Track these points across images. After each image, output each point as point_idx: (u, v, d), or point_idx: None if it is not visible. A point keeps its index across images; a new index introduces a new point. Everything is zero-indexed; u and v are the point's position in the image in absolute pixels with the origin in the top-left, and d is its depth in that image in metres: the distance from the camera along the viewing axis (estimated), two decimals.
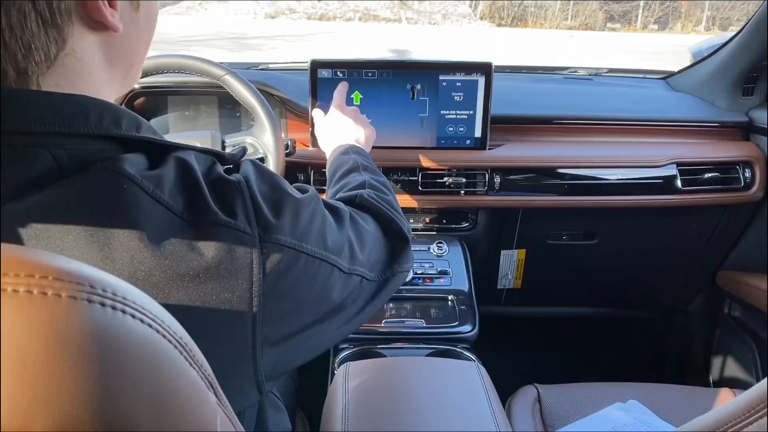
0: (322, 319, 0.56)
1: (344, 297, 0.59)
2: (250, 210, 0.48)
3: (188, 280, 0.43)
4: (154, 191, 0.43)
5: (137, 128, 0.47)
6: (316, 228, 0.55)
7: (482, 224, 1.35)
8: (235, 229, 0.46)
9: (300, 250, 0.51)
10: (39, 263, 0.26)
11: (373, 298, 0.66)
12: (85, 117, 0.43)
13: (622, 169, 1.32)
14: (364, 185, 0.80)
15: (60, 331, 0.25)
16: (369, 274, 0.64)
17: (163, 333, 0.30)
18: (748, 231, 1.47)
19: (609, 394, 1.09)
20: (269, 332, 0.49)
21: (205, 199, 0.46)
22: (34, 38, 0.42)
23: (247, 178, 0.50)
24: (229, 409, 0.37)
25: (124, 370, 0.27)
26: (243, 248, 0.46)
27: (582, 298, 1.69)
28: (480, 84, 1.24)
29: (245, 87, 1.08)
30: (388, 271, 0.69)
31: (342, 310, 0.59)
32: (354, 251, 0.62)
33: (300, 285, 0.52)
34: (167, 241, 0.43)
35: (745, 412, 0.39)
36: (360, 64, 1.23)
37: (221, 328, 0.45)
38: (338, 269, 0.57)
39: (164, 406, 0.29)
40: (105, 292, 0.27)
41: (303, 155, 1.25)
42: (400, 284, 0.73)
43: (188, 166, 0.47)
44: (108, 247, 0.41)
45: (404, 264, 0.72)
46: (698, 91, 1.52)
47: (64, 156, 0.42)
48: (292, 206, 0.52)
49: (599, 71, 1.74)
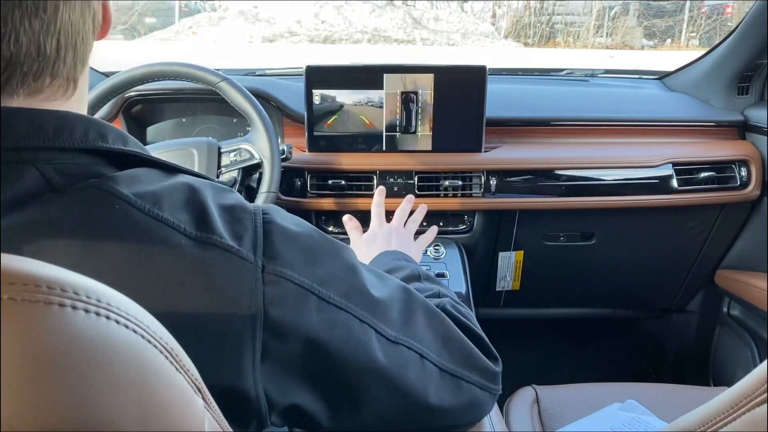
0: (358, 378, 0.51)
1: (390, 365, 0.52)
2: (259, 238, 0.46)
3: (182, 300, 0.42)
4: (151, 210, 0.42)
5: (124, 142, 0.46)
6: (340, 276, 0.50)
7: (479, 226, 1.36)
8: (237, 255, 0.44)
9: (310, 290, 0.47)
10: (25, 271, 0.26)
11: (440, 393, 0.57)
12: (69, 131, 0.43)
13: (618, 170, 1.32)
14: (439, 294, 0.69)
15: (44, 338, 0.25)
16: (432, 356, 0.56)
17: (148, 338, 0.30)
18: (746, 229, 1.47)
19: (607, 394, 1.09)
20: (270, 369, 0.46)
21: (212, 219, 0.45)
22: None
23: (265, 211, 0.49)
24: (217, 413, 0.38)
25: (109, 375, 0.27)
26: (243, 275, 0.44)
27: (580, 298, 1.70)
28: (475, 86, 1.25)
29: (240, 94, 1.09)
30: (461, 372, 0.59)
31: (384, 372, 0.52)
32: (409, 320, 0.55)
33: (311, 326, 0.47)
34: (162, 259, 0.42)
35: (730, 408, 0.39)
36: (355, 68, 1.24)
37: (215, 352, 0.43)
38: (374, 330, 0.52)
39: (150, 410, 0.29)
40: (89, 299, 0.28)
41: (300, 160, 1.26)
42: (476, 409, 0.62)
43: (194, 188, 0.46)
44: (99, 265, 0.40)
45: (490, 383, 0.62)
46: (693, 90, 1.52)
47: (50, 171, 0.41)
48: (310, 244, 0.50)
49: (595, 72, 1.74)
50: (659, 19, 11.98)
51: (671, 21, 12.01)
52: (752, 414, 0.39)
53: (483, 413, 0.64)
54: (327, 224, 1.34)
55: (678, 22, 11.96)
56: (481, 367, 0.61)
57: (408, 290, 0.58)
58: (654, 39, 12.10)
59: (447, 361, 0.58)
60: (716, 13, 11.49)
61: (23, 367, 0.24)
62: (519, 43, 12.24)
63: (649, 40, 12.13)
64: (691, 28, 11.93)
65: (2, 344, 0.24)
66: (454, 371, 0.58)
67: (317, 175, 1.27)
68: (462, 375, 0.59)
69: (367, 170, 1.27)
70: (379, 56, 9.77)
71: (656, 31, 12.01)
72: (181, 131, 1.37)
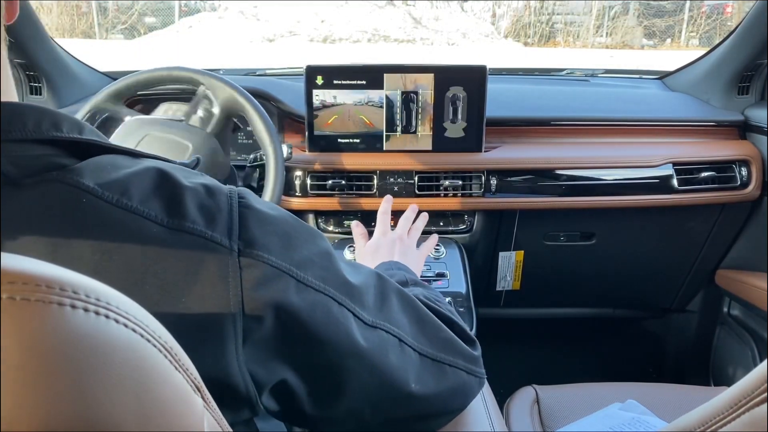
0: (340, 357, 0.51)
1: (371, 347, 0.53)
2: (234, 221, 0.45)
3: (159, 292, 0.41)
4: (119, 200, 0.41)
5: (79, 131, 0.44)
6: (316, 261, 0.50)
7: (479, 226, 1.36)
8: (211, 241, 0.43)
9: (287, 273, 0.47)
10: (22, 269, 0.26)
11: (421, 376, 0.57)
12: (21, 122, 0.41)
13: (619, 170, 1.32)
14: (415, 293, 0.71)
15: (43, 337, 0.25)
16: (409, 339, 0.57)
17: (147, 337, 0.30)
18: (746, 229, 1.47)
19: (608, 394, 1.09)
20: (253, 351, 0.45)
21: (185, 204, 0.44)
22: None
23: (241, 194, 0.48)
24: (217, 413, 0.38)
25: (107, 374, 0.27)
26: (219, 261, 0.43)
27: (581, 298, 1.70)
28: (475, 86, 1.25)
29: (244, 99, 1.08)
30: (443, 357, 0.60)
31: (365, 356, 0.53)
32: (384, 304, 0.56)
33: (291, 305, 0.47)
34: (135, 252, 0.41)
35: (730, 408, 0.39)
36: (355, 68, 1.24)
37: (196, 342, 0.42)
38: (351, 313, 0.52)
39: (149, 409, 0.29)
40: (88, 298, 0.28)
41: (300, 160, 1.26)
42: (465, 394, 0.63)
43: (163, 172, 0.45)
44: (70, 262, 0.39)
45: (474, 366, 0.63)
46: (694, 90, 1.52)
47: (6, 164, 0.40)
48: (286, 229, 0.49)
49: (595, 72, 1.74)
50: (659, 19, 11.90)
51: (671, 21, 11.92)
52: (752, 414, 0.39)
53: (470, 399, 0.64)
54: (327, 224, 1.34)
55: (678, 22, 11.87)
56: (460, 350, 0.62)
57: (381, 276, 0.59)
58: (654, 39, 12.03)
59: (426, 345, 0.58)
60: (716, 13, 11.46)
61: (22, 366, 0.24)
62: (519, 43, 12.20)
63: (649, 39, 12.06)
64: (691, 28, 11.85)
65: (1, 343, 0.24)
66: (434, 356, 0.59)
67: (317, 175, 1.27)
68: (444, 359, 0.60)
69: (368, 170, 1.27)
70: (379, 56, 9.67)
71: (656, 30, 11.93)
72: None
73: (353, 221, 1.07)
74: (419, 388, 0.57)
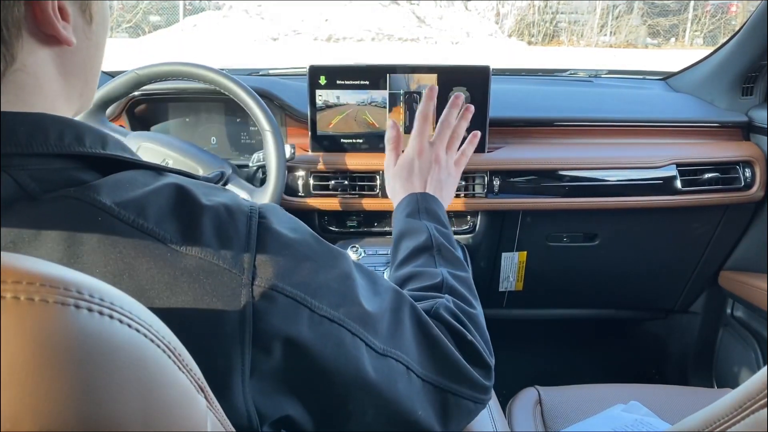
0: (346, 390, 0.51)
1: (379, 378, 0.51)
2: (252, 245, 0.44)
3: (167, 317, 0.40)
4: (135, 220, 0.41)
5: (103, 145, 0.44)
6: (334, 287, 0.49)
7: (482, 227, 1.35)
8: (225, 269, 0.42)
9: (302, 303, 0.46)
10: (26, 269, 0.26)
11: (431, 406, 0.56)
12: (44, 135, 0.41)
13: (622, 170, 1.32)
14: (441, 286, 0.69)
15: (47, 337, 0.25)
16: (415, 366, 0.55)
17: (151, 337, 0.30)
18: (750, 231, 1.46)
19: (610, 395, 1.09)
20: (259, 383, 0.45)
21: (201, 226, 0.43)
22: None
23: (262, 213, 0.47)
24: (220, 413, 0.38)
25: (111, 373, 0.27)
26: (231, 289, 0.42)
27: (584, 299, 1.69)
28: (479, 87, 1.24)
29: (246, 93, 1.09)
30: (447, 385, 0.58)
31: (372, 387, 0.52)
32: (397, 330, 0.54)
33: (302, 338, 0.46)
34: (148, 273, 0.40)
35: (733, 410, 0.39)
36: (358, 68, 1.24)
37: (202, 370, 0.41)
38: (363, 342, 0.50)
39: (153, 410, 0.29)
40: (92, 298, 0.28)
41: (302, 160, 1.26)
42: (464, 420, 0.61)
43: (183, 189, 0.44)
44: None
45: (481, 394, 0.61)
46: (697, 91, 1.52)
47: (26, 178, 0.39)
48: (306, 252, 0.48)
49: (599, 72, 1.74)
50: (663, 18, 11.90)
51: (675, 20, 11.92)
52: (756, 416, 0.39)
53: (470, 421, 0.63)
54: (330, 224, 1.34)
55: (682, 21, 11.88)
56: (468, 378, 0.60)
57: (400, 296, 0.57)
58: (658, 38, 12.02)
59: (431, 372, 0.57)
60: (720, 12, 11.45)
61: (26, 366, 0.24)
62: (523, 42, 12.19)
63: (653, 38, 12.06)
64: (695, 27, 11.83)
65: (5, 342, 0.24)
66: (438, 383, 0.57)
67: (320, 175, 1.27)
68: (449, 388, 0.58)
69: (371, 170, 1.27)
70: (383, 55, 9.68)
71: (660, 29, 11.96)
72: (184, 131, 1.37)
73: (389, 121, 1.00)
74: (424, 416, 0.56)
